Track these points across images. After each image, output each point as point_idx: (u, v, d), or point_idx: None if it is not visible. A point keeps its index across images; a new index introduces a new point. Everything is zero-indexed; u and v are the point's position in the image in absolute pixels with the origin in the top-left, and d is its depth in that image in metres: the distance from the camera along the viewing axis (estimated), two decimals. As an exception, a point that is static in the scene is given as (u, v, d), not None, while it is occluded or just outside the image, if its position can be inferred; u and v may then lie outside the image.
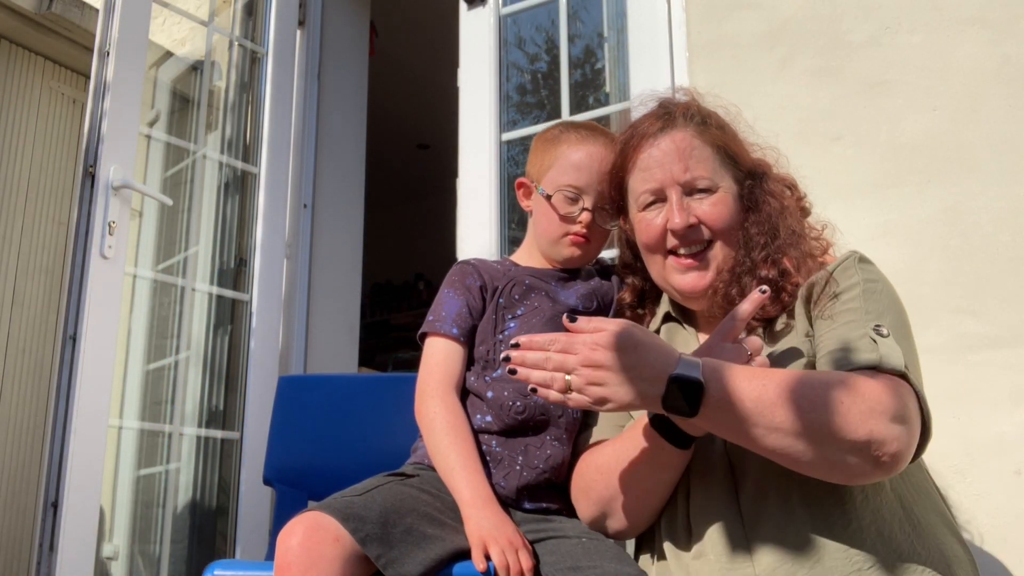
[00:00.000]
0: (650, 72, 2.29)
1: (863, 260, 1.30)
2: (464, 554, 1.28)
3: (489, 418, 1.45)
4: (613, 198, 1.46)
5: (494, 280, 1.55)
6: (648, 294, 1.47)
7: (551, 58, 2.58)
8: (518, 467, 1.42)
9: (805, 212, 1.41)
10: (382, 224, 5.12)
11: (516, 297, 1.53)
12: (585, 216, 1.51)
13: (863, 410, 1.07)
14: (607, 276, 1.61)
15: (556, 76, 2.48)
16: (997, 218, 1.80)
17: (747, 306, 1.19)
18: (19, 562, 3.78)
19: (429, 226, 4.84)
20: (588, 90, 2.56)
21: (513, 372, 1.15)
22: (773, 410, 1.08)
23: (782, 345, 1.27)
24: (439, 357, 1.50)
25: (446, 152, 2.94)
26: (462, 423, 1.44)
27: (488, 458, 1.43)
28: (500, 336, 1.50)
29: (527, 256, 1.63)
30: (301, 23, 3.22)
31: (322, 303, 3.10)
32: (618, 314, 1.51)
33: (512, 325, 1.51)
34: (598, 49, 2.59)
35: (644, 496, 1.25)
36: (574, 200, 1.51)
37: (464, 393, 1.49)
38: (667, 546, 1.25)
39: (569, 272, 1.59)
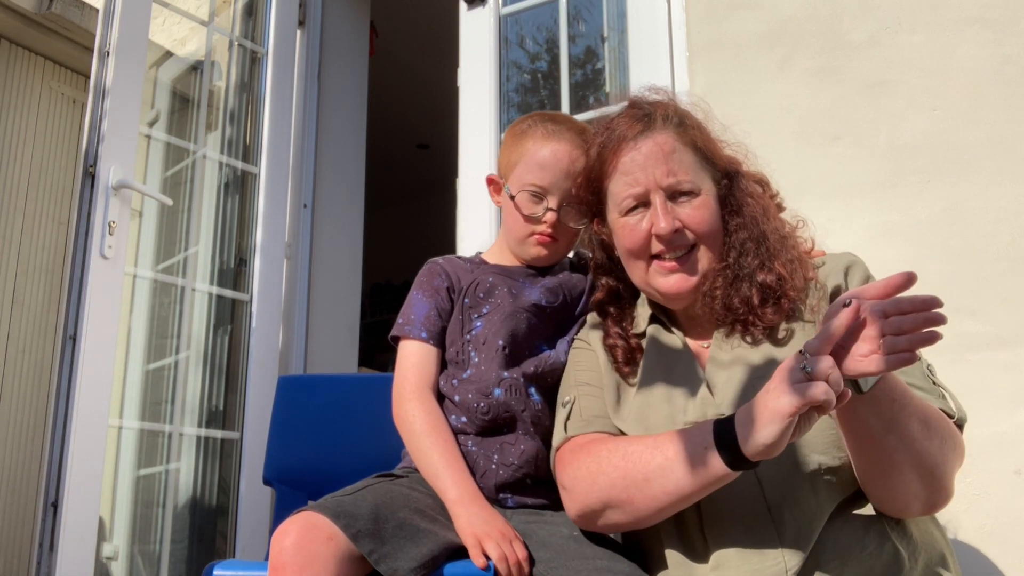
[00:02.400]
0: (650, 72, 2.29)
1: (866, 268, 1.31)
2: (456, 550, 1.28)
3: (464, 419, 1.46)
4: (588, 201, 1.42)
5: (461, 280, 1.55)
6: (623, 295, 1.45)
7: (551, 58, 2.58)
8: (494, 466, 1.42)
9: (780, 209, 1.41)
10: (382, 224, 5.11)
11: (480, 296, 1.52)
12: (550, 216, 1.50)
13: (955, 468, 1.16)
14: (582, 269, 1.58)
15: (556, 76, 2.48)
16: (997, 218, 1.79)
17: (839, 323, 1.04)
18: (19, 562, 3.78)
19: (429, 226, 4.84)
20: (588, 90, 2.56)
21: None
22: (918, 425, 1.10)
23: (787, 352, 1.26)
24: (412, 360, 1.50)
25: (446, 152, 2.94)
26: (441, 423, 1.44)
27: (466, 459, 1.43)
28: (468, 336, 1.50)
29: (498, 253, 1.62)
30: (301, 23, 3.22)
31: (322, 303, 3.09)
32: (594, 312, 1.49)
33: (479, 324, 1.51)
34: (598, 49, 2.59)
35: (665, 499, 1.17)
36: (538, 200, 1.50)
37: (440, 396, 1.50)
38: (674, 555, 1.23)
39: (538, 268, 1.57)
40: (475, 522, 1.30)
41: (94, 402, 2.29)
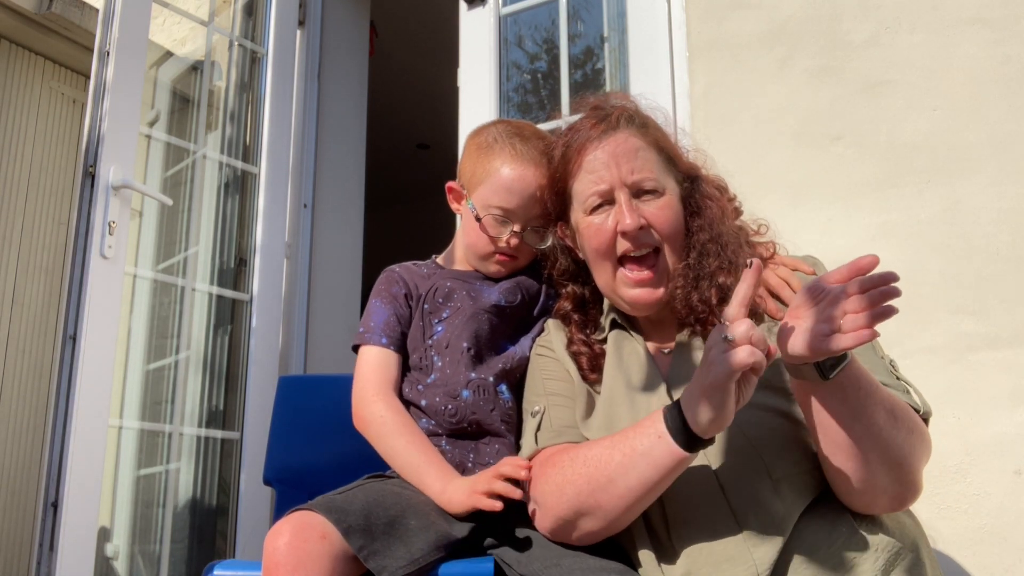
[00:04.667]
0: (650, 72, 2.29)
1: (826, 270, 1.33)
2: (448, 546, 1.28)
3: (433, 422, 1.47)
4: (553, 205, 1.43)
5: (418, 286, 1.56)
6: (588, 299, 1.45)
7: (551, 58, 2.59)
8: (470, 464, 1.43)
9: (737, 213, 1.42)
10: (382, 224, 5.12)
11: (440, 301, 1.53)
12: (514, 241, 1.50)
13: (923, 461, 1.16)
14: (536, 267, 1.57)
15: (556, 76, 2.48)
16: (997, 218, 1.80)
17: (744, 287, 1.08)
18: (19, 562, 3.79)
19: (429, 226, 4.84)
20: (588, 90, 2.56)
21: None
22: (884, 414, 1.10)
23: None
24: (372, 364, 1.50)
25: (446, 152, 2.94)
26: (411, 421, 1.45)
27: (444, 452, 1.44)
28: (429, 342, 1.51)
29: (454, 259, 1.62)
30: (301, 23, 3.22)
31: (322, 303, 3.10)
32: (556, 319, 1.49)
33: (439, 329, 1.51)
34: (598, 49, 2.59)
35: (630, 496, 1.17)
36: (504, 223, 1.50)
37: (405, 403, 1.50)
38: (646, 555, 1.23)
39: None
40: (462, 489, 1.31)
41: (94, 402, 2.29)
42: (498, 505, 1.26)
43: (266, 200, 2.93)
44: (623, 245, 1.31)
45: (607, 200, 1.33)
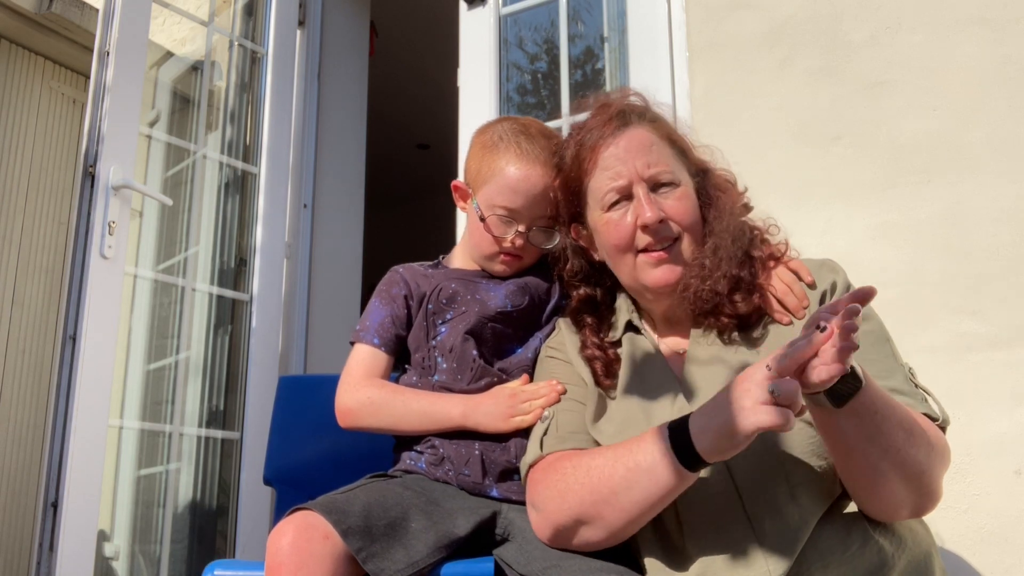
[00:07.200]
0: (650, 72, 2.29)
1: (846, 276, 1.33)
2: (449, 545, 1.28)
3: None
4: (566, 206, 1.41)
5: (420, 287, 1.55)
6: (600, 301, 1.44)
7: (551, 58, 2.58)
8: (477, 452, 1.42)
9: (747, 208, 1.41)
10: (382, 224, 5.12)
11: (444, 302, 1.52)
12: (519, 241, 1.49)
13: (942, 472, 1.17)
14: (546, 267, 1.55)
15: (556, 76, 2.48)
16: (997, 218, 1.80)
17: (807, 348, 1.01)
18: (19, 562, 3.79)
19: (429, 226, 4.84)
20: (588, 90, 2.56)
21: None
22: (902, 434, 1.10)
23: (762, 355, 1.26)
24: (359, 358, 1.52)
25: (446, 152, 2.94)
26: (400, 387, 1.49)
27: (444, 456, 1.43)
28: (433, 343, 1.50)
29: (460, 258, 1.61)
30: (301, 23, 3.22)
31: (322, 303, 3.10)
32: (568, 320, 1.48)
33: (443, 330, 1.51)
34: (598, 49, 2.59)
35: (633, 510, 1.16)
36: (508, 223, 1.49)
37: None
38: (654, 564, 1.22)
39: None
40: (492, 412, 1.38)
41: (94, 402, 2.29)
42: (535, 417, 1.36)
43: (266, 200, 2.93)
44: (643, 240, 1.30)
45: (625, 196, 1.31)
